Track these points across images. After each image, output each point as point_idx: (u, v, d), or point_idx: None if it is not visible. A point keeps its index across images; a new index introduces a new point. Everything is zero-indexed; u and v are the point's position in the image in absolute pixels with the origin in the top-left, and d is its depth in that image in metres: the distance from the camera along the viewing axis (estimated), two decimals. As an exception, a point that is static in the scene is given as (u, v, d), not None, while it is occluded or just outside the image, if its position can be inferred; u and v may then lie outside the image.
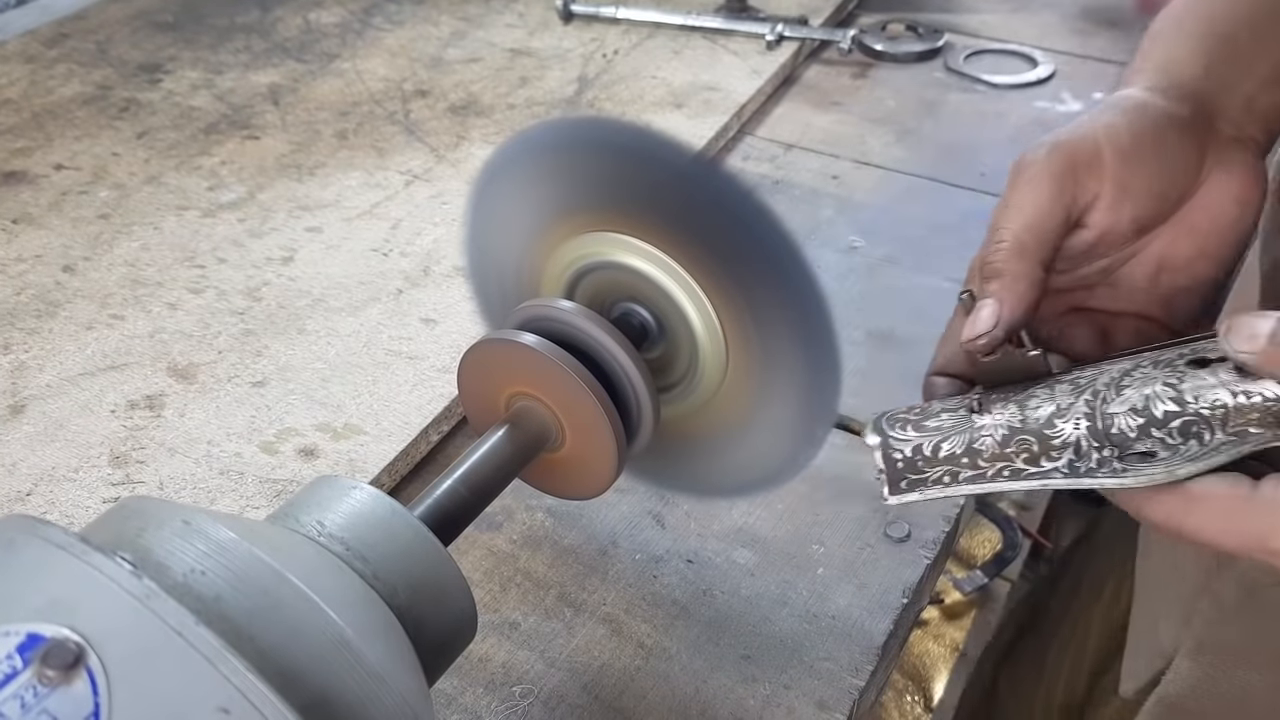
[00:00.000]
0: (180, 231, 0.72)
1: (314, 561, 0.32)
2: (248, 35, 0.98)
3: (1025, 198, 0.40)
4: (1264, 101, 0.44)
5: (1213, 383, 0.34)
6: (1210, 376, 0.34)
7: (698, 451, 0.45)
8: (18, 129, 0.83)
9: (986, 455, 0.37)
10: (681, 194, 0.37)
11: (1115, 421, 0.35)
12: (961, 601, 1.55)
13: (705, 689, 0.47)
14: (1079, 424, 0.36)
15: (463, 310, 0.65)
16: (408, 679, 0.31)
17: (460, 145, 0.82)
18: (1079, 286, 0.44)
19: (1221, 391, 0.33)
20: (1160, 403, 0.34)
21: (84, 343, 0.63)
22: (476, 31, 0.98)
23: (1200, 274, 0.43)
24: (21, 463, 0.55)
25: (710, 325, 0.39)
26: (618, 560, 0.53)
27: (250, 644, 0.27)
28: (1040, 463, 0.36)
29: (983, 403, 0.38)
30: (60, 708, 0.24)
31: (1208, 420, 0.33)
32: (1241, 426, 0.33)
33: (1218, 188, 0.42)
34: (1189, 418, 0.34)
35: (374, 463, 0.56)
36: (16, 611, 0.25)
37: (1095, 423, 0.36)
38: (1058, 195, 0.40)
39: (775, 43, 0.93)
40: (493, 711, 0.47)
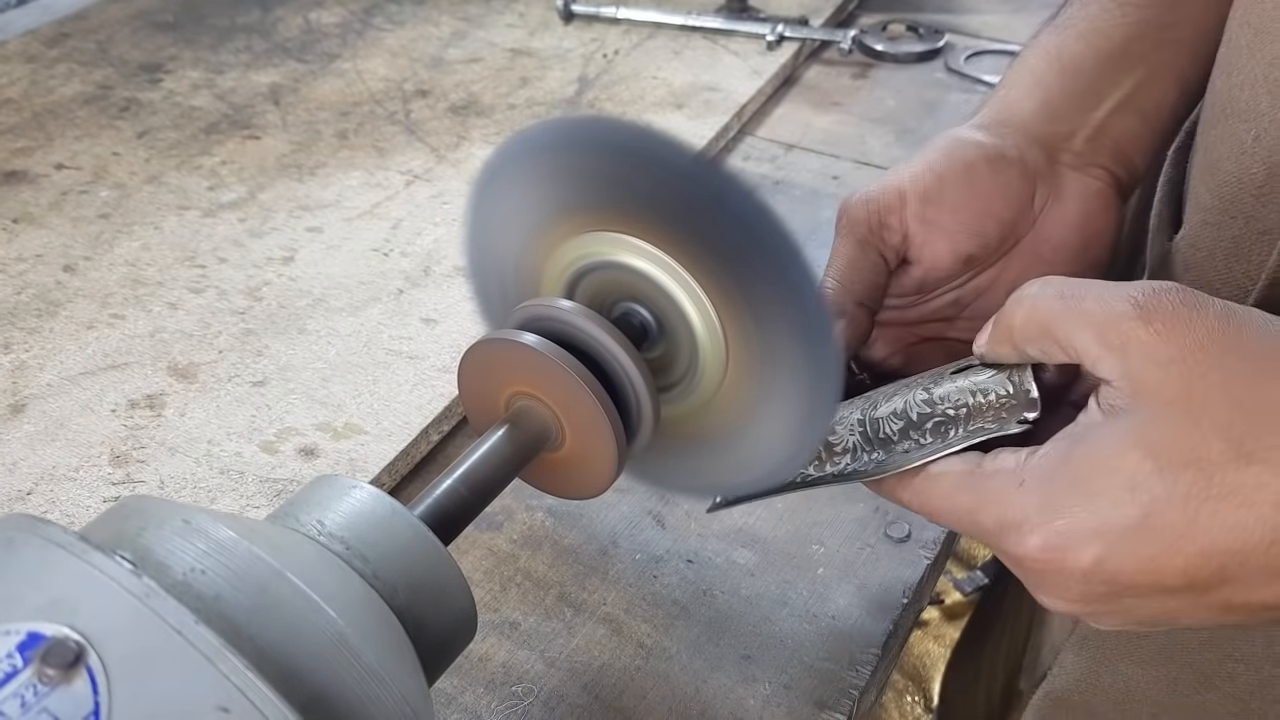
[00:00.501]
0: (181, 231, 0.72)
1: (314, 561, 0.32)
2: (248, 35, 0.98)
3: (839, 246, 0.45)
4: (1115, 129, 0.46)
5: (961, 385, 0.37)
6: (961, 380, 0.37)
7: (698, 451, 0.45)
8: (18, 128, 0.83)
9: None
10: (682, 194, 0.37)
11: (880, 425, 0.39)
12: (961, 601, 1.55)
13: (705, 689, 0.47)
14: (854, 430, 0.40)
15: (463, 310, 0.65)
16: (407, 678, 0.31)
17: (461, 145, 0.82)
18: (934, 319, 0.47)
19: (965, 394, 0.37)
20: (915, 406, 0.38)
21: (84, 342, 0.63)
22: (477, 31, 0.98)
23: None
24: (22, 462, 0.55)
25: (710, 325, 0.39)
26: (618, 560, 0.53)
27: (250, 643, 0.27)
28: (825, 467, 0.41)
29: None
30: (60, 706, 0.24)
31: (953, 419, 0.37)
32: (979, 424, 0.36)
33: (1057, 217, 0.45)
34: (938, 418, 0.37)
35: (374, 462, 0.56)
36: (16, 610, 0.25)
37: (866, 428, 0.39)
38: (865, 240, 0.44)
39: (776, 43, 0.93)
40: (493, 711, 0.47)
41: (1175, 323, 0.30)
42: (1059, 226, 0.45)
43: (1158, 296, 0.30)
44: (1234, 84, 0.42)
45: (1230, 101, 0.43)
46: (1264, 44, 0.40)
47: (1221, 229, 0.43)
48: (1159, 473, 0.29)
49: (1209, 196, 0.44)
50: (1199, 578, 0.29)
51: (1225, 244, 0.43)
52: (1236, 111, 0.42)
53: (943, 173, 0.44)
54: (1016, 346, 0.34)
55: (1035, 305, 0.33)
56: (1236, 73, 0.42)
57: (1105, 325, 0.31)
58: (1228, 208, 0.42)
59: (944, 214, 0.44)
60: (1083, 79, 0.46)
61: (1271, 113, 0.40)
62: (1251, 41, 0.41)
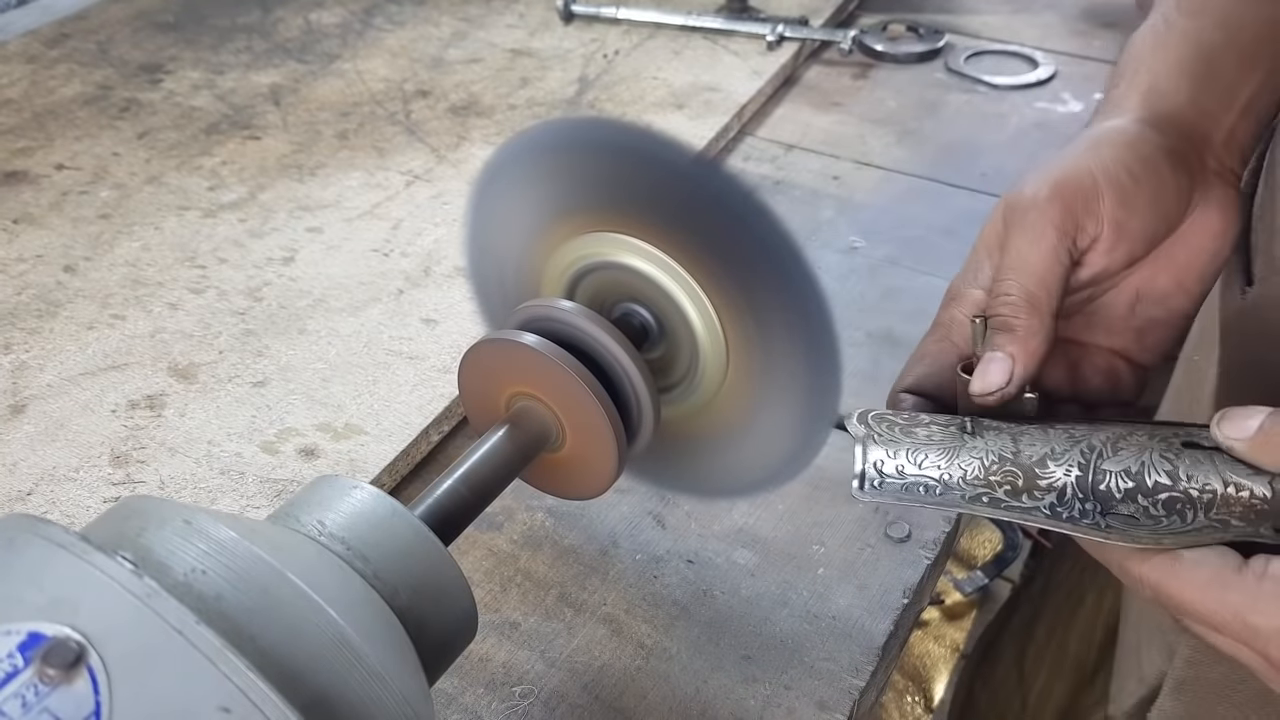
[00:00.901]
0: (181, 231, 0.72)
1: (314, 561, 0.32)
2: (249, 36, 0.98)
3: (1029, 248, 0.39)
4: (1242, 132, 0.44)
5: (1208, 468, 0.35)
6: (1206, 461, 0.35)
7: (698, 452, 0.45)
8: (19, 129, 0.83)
9: (969, 477, 0.37)
10: (682, 194, 0.37)
11: (1106, 479, 0.36)
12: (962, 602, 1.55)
13: (705, 689, 0.47)
14: (1070, 471, 0.37)
15: (463, 310, 0.65)
16: (408, 678, 0.31)
17: (461, 146, 0.82)
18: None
19: (1214, 478, 0.35)
20: (1154, 473, 0.36)
21: (85, 342, 0.63)
22: (477, 32, 0.98)
23: (1175, 307, 0.43)
24: (22, 462, 0.55)
25: (710, 325, 0.39)
26: (618, 560, 0.53)
27: (251, 643, 0.27)
28: (1022, 498, 0.37)
29: (975, 426, 0.38)
30: (61, 706, 0.24)
31: (1194, 501, 0.35)
32: (1224, 516, 0.35)
33: (1199, 222, 0.42)
34: (1177, 494, 0.35)
35: (374, 463, 0.56)
36: (18, 610, 0.25)
37: (1086, 474, 0.37)
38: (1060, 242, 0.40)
39: (776, 43, 0.93)
40: (493, 711, 0.47)
41: None
42: (1200, 233, 0.43)
43: None
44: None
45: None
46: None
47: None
48: None
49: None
50: None
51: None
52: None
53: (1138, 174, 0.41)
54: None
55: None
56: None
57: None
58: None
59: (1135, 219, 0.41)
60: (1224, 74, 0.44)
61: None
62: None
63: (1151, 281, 0.43)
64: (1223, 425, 0.35)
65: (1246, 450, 0.34)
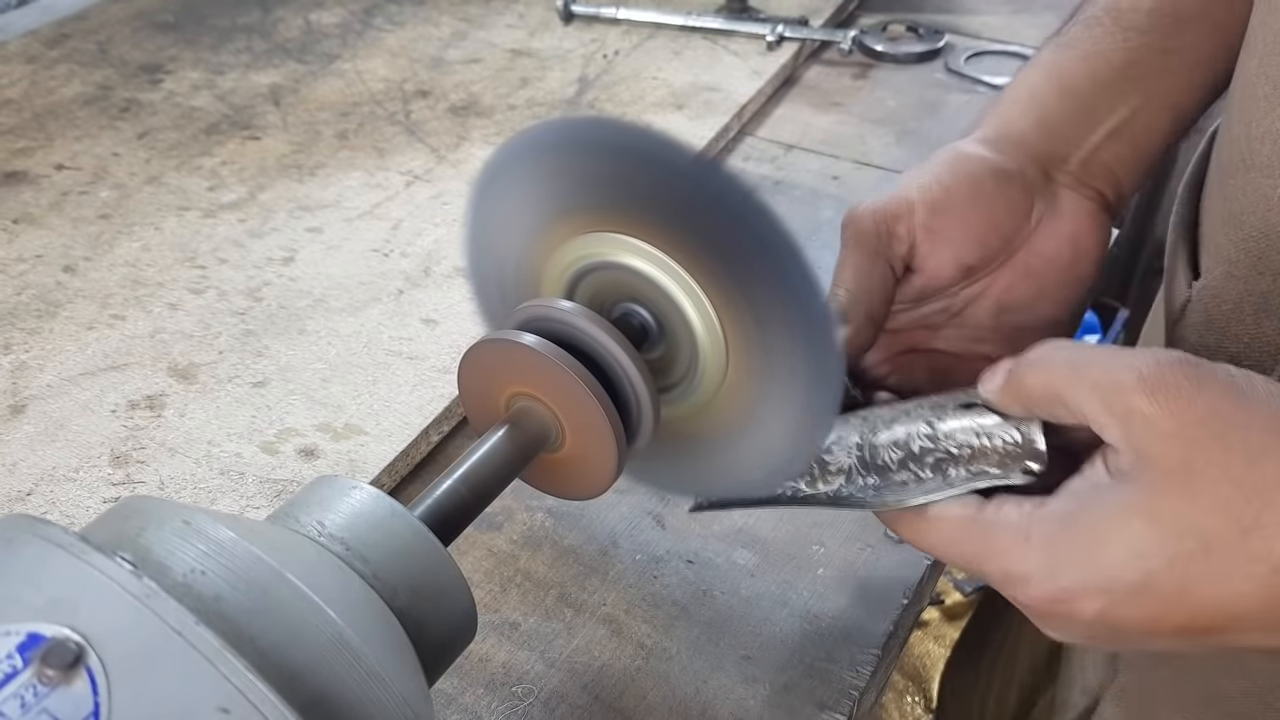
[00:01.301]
0: (181, 232, 0.72)
1: (314, 561, 0.32)
2: (249, 36, 0.98)
3: (847, 256, 0.44)
4: (1108, 153, 0.47)
5: (966, 425, 0.37)
6: (966, 419, 0.37)
7: (698, 452, 0.45)
8: (19, 129, 0.83)
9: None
10: (682, 194, 0.37)
11: (879, 453, 0.39)
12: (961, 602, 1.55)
13: (705, 689, 0.47)
14: (851, 453, 0.39)
15: (463, 311, 0.65)
16: (408, 679, 0.31)
17: (461, 146, 0.82)
18: (921, 326, 0.47)
19: (969, 434, 0.37)
20: (918, 439, 0.38)
21: (85, 343, 0.63)
22: (477, 32, 0.98)
23: (1042, 314, 0.46)
24: (22, 462, 0.55)
25: (710, 326, 0.39)
26: (618, 561, 0.53)
27: (250, 644, 0.27)
28: (818, 485, 0.41)
29: None
30: (60, 707, 0.24)
31: (954, 458, 0.37)
32: (982, 466, 0.36)
33: (1050, 233, 0.45)
34: (940, 454, 0.37)
35: (374, 463, 0.56)
36: (16, 611, 0.25)
37: (864, 453, 0.39)
38: (875, 251, 0.44)
39: (776, 43, 0.93)
40: (493, 711, 0.47)
41: (1177, 396, 0.31)
42: (1052, 241, 0.46)
43: (1161, 369, 0.32)
44: (1254, 135, 0.42)
45: (1251, 154, 0.42)
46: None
47: (1249, 283, 0.43)
48: (1159, 541, 0.31)
49: (1232, 249, 0.44)
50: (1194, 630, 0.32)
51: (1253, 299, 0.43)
52: (1258, 165, 0.42)
53: (950, 185, 0.45)
54: (1026, 407, 0.36)
55: (1047, 370, 0.35)
56: (1256, 125, 0.42)
57: (1111, 395, 0.32)
58: (1255, 263, 0.42)
59: (951, 224, 0.44)
60: (1081, 102, 0.47)
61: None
62: (1270, 94, 0.41)
63: (1011, 290, 0.46)
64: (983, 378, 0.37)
65: (997, 399, 0.36)
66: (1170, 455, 0.31)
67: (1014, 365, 0.36)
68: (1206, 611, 0.31)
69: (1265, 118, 0.41)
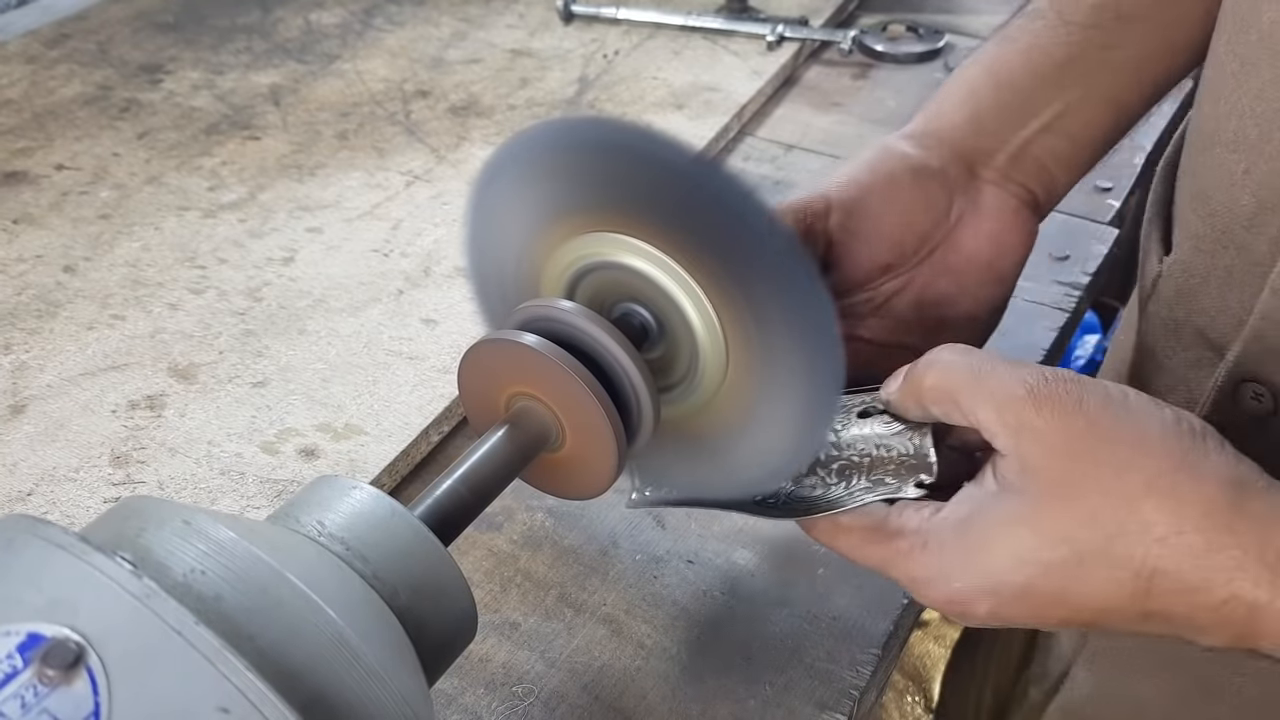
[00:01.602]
0: (181, 232, 0.72)
1: (314, 561, 0.32)
2: (249, 36, 0.98)
3: None
4: (1040, 148, 0.47)
5: (866, 434, 0.39)
6: (866, 428, 0.39)
7: (698, 452, 0.45)
8: (19, 129, 0.83)
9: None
10: (682, 194, 0.37)
11: None
12: (962, 602, 1.55)
13: (705, 689, 0.47)
14: None
15: (463, 311, 0.65)
16: (408, 679, 0.31)
17: (461, 146, 0.82)
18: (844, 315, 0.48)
19: (869, 444, 0.39)
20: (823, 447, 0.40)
21: (85, 343, 0.63)
22: (477, 32, 0.98)
23: (962, 310, 0.47)
24: (22, 463, 0.55)
25: (710, 326, 0.39)
26: (618, 560, 0.53)
27: (250, 643, 0.27)
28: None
29: None
30: (60, 707, 0.24)
31: (856, 465, 0.39)
32: (880, 475, 0.39)
33: (971, 230, 0.46)
34: (843, 462, 0.40)
35: (374, 463, 0.56)
36: (17, 611, 0.25)
37: None
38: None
39: (776, 43, 0.93)
40: (493, 711, 0.47)
41: (1061, 412, 0.34)
42: (971, 239, 0.46)
43: (1050, 385, 0.34)
44: (1221, 113, 0.43)
45: (1218, 130, 0.43)
46: (1250, 75, 0.41)
47: (1215, 257, 0.44)
48: (1038, 550, 0.34)
49: (1199, 224, 0.45)
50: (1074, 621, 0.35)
51: (1219, 273, 0.44)
52: (1224, 141, 0.43)
53: (867, 184, 0.45)
54: (923, 405, 0.37)
55: (946, 373, 0.36)
56: (1223, 102, 0.43)
57: (1004, 405, 0.34)
58: (1219, 237, 0.43)
59: (865, 225, 0.45)
60: (1015, 95, 0.47)
61: (1260, 145, 0.41)
62: (1238, 72, 0.42)
63: (930, 286, 0.47)
64: (887, 381, 0.39)
65: (896, 404, 0.38)
66: (1052, 469, 0.34)
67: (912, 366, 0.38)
68: (1082, 609, 0.34)
69: (1232, 95, 0.42)
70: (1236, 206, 0.42)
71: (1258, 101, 0.41)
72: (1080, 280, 0.71)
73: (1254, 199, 0.41)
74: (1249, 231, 0.42)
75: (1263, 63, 0.40)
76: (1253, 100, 0.41)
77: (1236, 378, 0.43)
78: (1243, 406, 0.44)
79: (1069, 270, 0.72)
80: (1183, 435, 0.33)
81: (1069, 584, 0.34)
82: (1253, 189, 0.41)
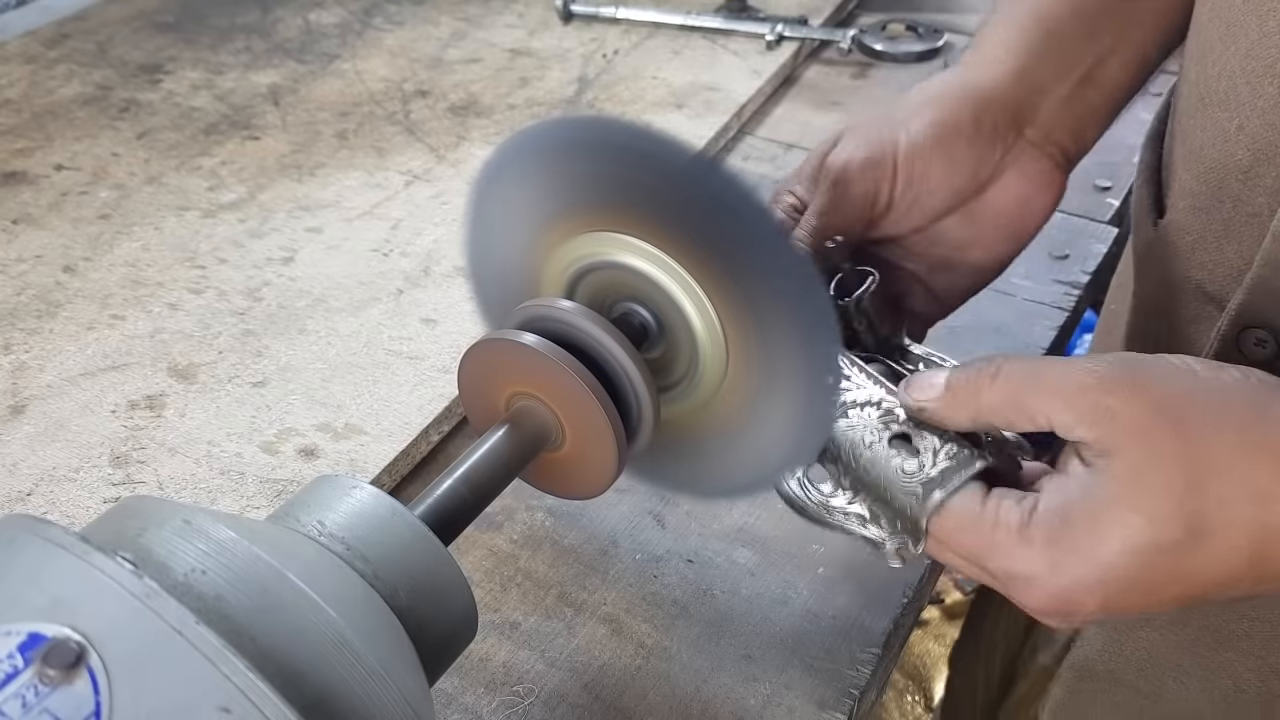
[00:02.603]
0: (180, 232, 0.72)
1: (314, 561, 0.32)
2: (248, 36, 0.98)
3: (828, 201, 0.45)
4: (1079, 102, 0.48)
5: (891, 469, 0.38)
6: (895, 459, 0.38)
7: (698, 451, 0.45)
8: (18, 129, 0.83)
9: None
10: (681, 194, 0.37)
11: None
12: (962, 601, 1.55)
13: (706, 689, 0.47)
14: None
15: (463, 310, 0.65)
16: (408, 678, 0.31)
17: (460, 145, 0.82)
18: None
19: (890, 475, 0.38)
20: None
21: (84, 343, 0.63)
22: (476, 32, 0.98)
23: (971, 257, 0.48)
24: (22, 463, 0.55)
25: (710, 325, 0.39)
26: (618, 560, 0.53)
27: (251, 643, 0.27)
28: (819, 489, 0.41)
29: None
30: (61, 707, 0.24)
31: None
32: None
33: (1006, 187, 0.47)
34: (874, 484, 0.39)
35: (374, 463, 0.56)
36: (17, 611, 0.25)
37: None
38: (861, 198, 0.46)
39: (775, 43, 0.93)
40: (493, 711, 0.47)
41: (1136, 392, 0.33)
42: (1002, 197, 0.47)
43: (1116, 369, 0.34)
44: (1210, 74, 0.44)
45: (1208, 91, 0.45)
46: (1236, 37, 0.43)
47: (1210, 213, 0.45)
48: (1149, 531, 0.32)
49: (1194, 182, 0.46)
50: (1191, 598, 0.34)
51: (1215, 227, 0.45)
52: (1216, 100, 0.44)
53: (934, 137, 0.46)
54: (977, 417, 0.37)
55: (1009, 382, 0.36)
56: (1212, 63, 0.44)
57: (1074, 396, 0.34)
58: (1214, 192, 0.44)
59: (929, 178, 0.46)
60: (1061, 44, 0.48)
61: (1252, 101, 0.42)
62: (1224, 35, 0.43)
63: (949, 228, 0.47)
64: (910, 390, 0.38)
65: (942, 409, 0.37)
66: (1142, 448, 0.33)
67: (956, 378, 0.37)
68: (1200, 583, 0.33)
69: (1220, 56, 0.43)
70: (1231, 161, 0.43)
71: (1247, 60, 0.42)
72: (1080, 279, 0.71)
73: (1249, 152, 0.42)
74: (1244, 184, 0.43)
75: (1250, 23, 0.42)
76: (1242, 59, 0.42)
77: (1239, 325, 0.44)
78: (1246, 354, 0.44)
79: (1068, 269, 0.72)
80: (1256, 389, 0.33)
81: (1185, 561, 0.33)
82: (1247, 143, 0.42)
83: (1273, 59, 0.41)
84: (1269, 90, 0.41)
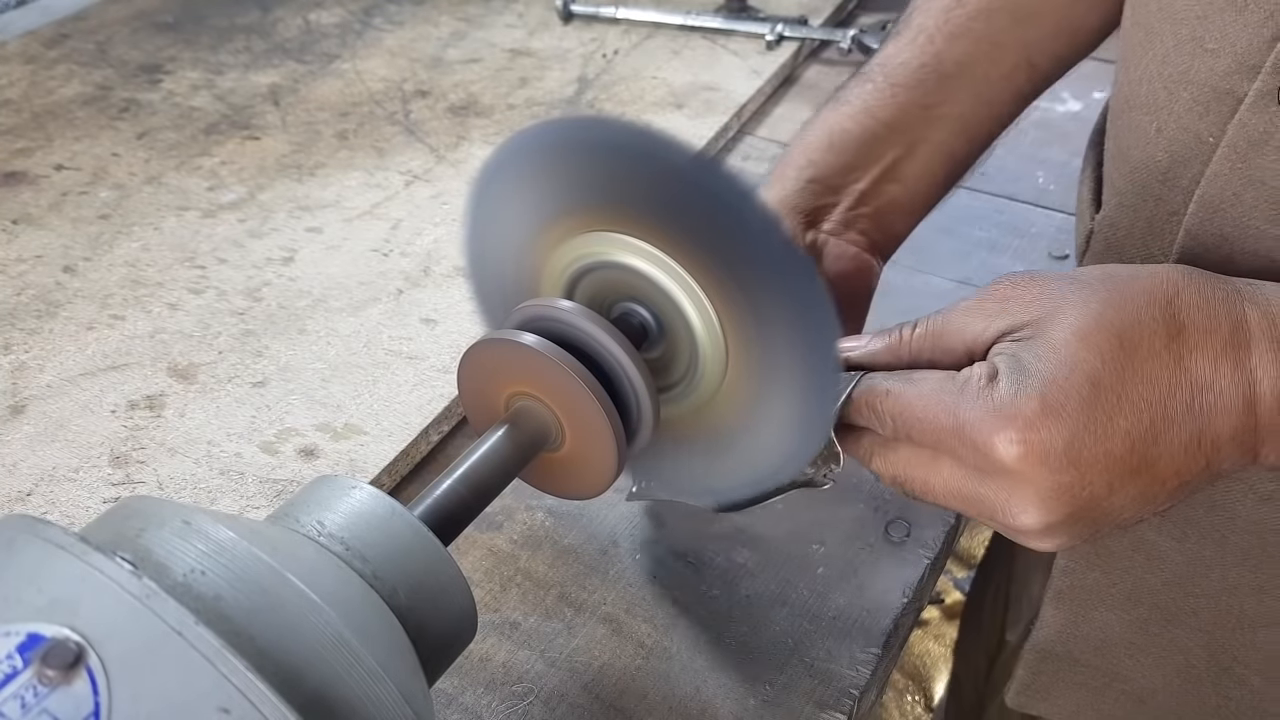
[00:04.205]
0: (180, 232, 0.72)
1: (314, 561, 0.32)
2: (248, 36, 0.98)
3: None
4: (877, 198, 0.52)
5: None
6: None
7: (698, 451, 0.45)
8: (18, 129, 0.83)
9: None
10: (681, 194, 0.37)
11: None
12: (962, 601, 1.55)
13: (705, 689, 0.47)
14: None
15: (463, 310, 0.65)
16: (408, 678, 0.31)
17: (460, 145, 0.82)
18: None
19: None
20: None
21: (84, 343, 0.63)
22: (476, 32, 0.98)
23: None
24: (22, 463, 0.55)
25: (710, 325, 0.39)
26: (618, 560, 0.53)
27: (250, 643, 0.27)
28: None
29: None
30: (60, 707, 0.24)
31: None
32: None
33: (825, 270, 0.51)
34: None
35: (374, 463, 0.56)
36: (17, 611, 0.25)
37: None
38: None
39: (775, 43, 0.93)
40: (493, 711, 0.47)
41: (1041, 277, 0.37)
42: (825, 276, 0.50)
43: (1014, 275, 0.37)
44: (1134, 79, 0.46)
45: (1132, 95, 0.47)
46: (1154, 43, 0.44)
47: (1136, 211, 0.47)
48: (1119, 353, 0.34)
49: (1122, 181, 0.48)
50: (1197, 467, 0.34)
51: (1141, 224, 0.47)
52: (1138, 104, 0.46)
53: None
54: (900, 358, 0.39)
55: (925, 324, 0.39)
56: (1134, 68, 0.46)
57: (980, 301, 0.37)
58: (1139, 191, 0.46)
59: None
60: (849, 156, 0.52)
61: (1169, 105, 0.43)
62: (1143, 41, 0.45)
63: None
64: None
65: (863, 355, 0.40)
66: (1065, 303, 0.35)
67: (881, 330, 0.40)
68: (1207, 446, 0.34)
69: (1140, 61, 0.45)
70: (1152, 163, 0.45)
71: (1163, 66, 0.43)
72: (1080, 279, 0.71)
73: (1166, 154, 0.44)
74: (1164, 184, 0.44)
75: (1165, 30, 0.43)
76: (1159, 65, 0.44)
77: None
78: None
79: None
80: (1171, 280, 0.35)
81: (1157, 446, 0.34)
82: (1165, 145, 0.44)
83: (1186, 65, 0.42)
84: (1183, 95, 0.42)
